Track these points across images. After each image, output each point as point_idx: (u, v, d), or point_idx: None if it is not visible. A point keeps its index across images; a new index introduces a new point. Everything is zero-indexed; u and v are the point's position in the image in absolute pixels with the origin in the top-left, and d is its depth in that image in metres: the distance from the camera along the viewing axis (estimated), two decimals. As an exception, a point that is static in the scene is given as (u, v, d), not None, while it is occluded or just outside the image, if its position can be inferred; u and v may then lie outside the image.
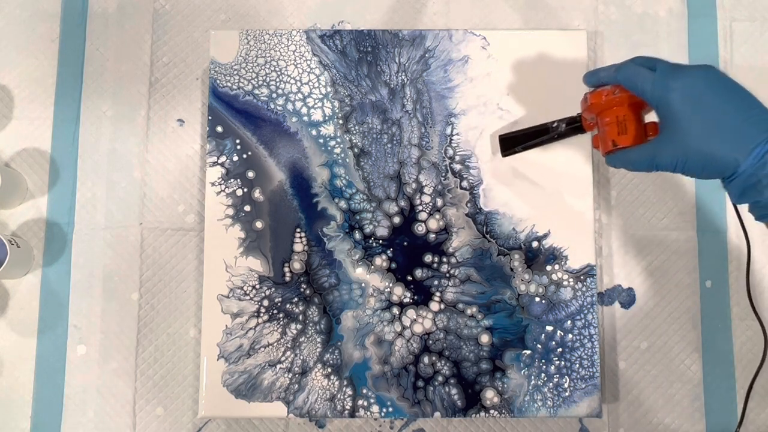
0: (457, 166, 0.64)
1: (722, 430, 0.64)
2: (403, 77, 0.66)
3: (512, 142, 0.62)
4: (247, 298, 0.63)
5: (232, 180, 0.64)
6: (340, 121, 0.65)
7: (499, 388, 0.61)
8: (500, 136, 0.62)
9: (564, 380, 0.61)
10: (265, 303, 0.63)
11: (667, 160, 0.47)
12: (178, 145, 0.68)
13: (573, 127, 0.58)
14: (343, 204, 0.64)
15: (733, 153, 0.44)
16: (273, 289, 0.63)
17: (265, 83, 0.66)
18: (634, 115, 0.51)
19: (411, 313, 0.63)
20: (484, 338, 0.62)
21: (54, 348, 0.65)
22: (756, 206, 0.46)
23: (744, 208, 0.49)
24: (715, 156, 0.45)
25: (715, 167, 0.46)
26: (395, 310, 0.63)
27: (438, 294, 0.63)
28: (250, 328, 0.62)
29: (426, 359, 0.62)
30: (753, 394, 0.62)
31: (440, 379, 0.62)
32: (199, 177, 0.67)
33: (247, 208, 0.64)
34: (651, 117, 0.51)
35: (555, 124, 0.59)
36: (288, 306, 0.63)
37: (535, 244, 0.63)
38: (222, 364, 0.62)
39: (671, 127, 0.47)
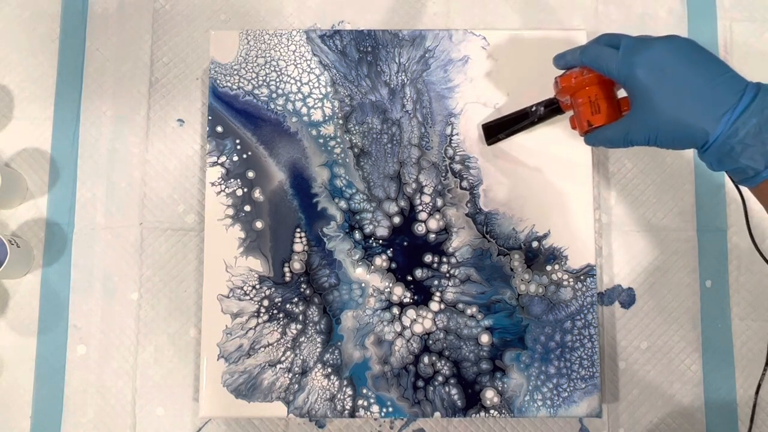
0: (457, 166, 0.65)
1: (722, 429, 0.64)
2: (403, 77, 0.66)
3: (495, 130, 0.63)
4: (247, 298, 0.63)
5: (232, 180, 0.64)
6: (340, 121, 0.65)
7: (499, 388, 0.61)
8: (483, 125, 0.63)
9: (564, 380, 0.61)
10: (265, 303, 0.63)
11: (640, 135, 0.47)
12: (178, 145, 0.68)
13: (551, 108, 0.59)
14: (343, 204, 0.64)
15: (702, 122, 0.44)
16: (273, 289, 0.63)
17: (265, 83, 0.66)
18: (606, 93, 0.52)
19: (411, 313, 0.63)
20: (484, 338, 0.62)
21: (54, 348, 0.65)
22: (735, 172, 0.45)
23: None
24: (685, 127, 0.45)
25: (686, 138, 0.45)
26: (395, 310, 0.63)
27: (438, 294, 0.63)
28: (250, 328, 0.62)
29: (426, 359, 0.62)
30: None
31: (440, 379, 0.62)
32: (199, 177, 0.67)
33: (247, 208, 0.64)
34: (624, 92, 0.51)
35: (534, 108, 0.60)
36: (288, 306, 0.63)
37: (535, 244, 0.63)
38: (222, 364, 0.62)
39: (640, 103, 0.47)
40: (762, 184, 0.44)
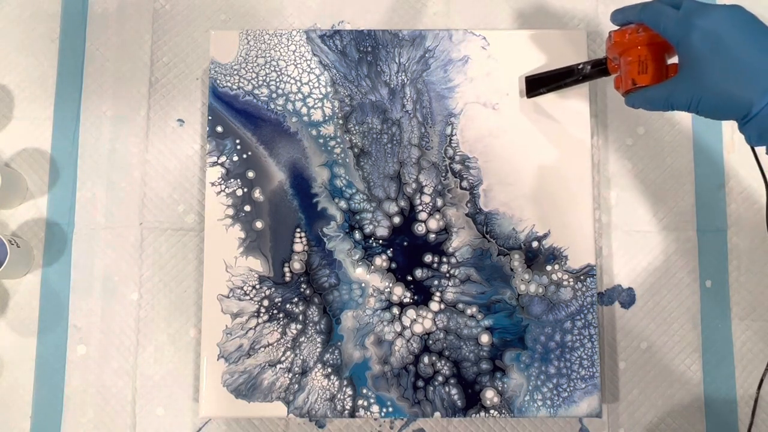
0: (457, 166, 0.65)
1: (722, 430, 0.64)
2: (403, 77, 0.66)
3: (538, 83, 0.63)
4: (247, 298, 0.63)
5: (232, 180, 0.64)
6: (340, 121, 0.65)
7: (499, 388, 0.61)
8: (526, 77, 0.64)
9: (564, 380, 0.61)
10: (265, 303, 0.63)
11: (683, 98, 0.47)
12: (178, 145, 0.68)
13: (598, 69, 0.59)
14: (343, 204, 0.64)
15: (747, 93, 0.44)
16: (273, 289, 0.63)
17: (265, 83, 0.66)
18: (656, 55, 0.52)
19: (411, 313, 0.63)
20: (484, 338, 0.62)
21: (54, 348, 0.65)
22: None
23: (762, 150, 0.48)
24: (729, 96, 0.45)
25: (729, 108, 0.45)
26: (395, 310, 0.63)
27: (438, 294, 0.63)
28: (250, 328, 0.62)
29: (426, 359, 0.62)
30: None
31: (440, 379, 0.62)
32: (199, 177, 0.67)
33: (247, 208, 0.64)
34: (674, 60, 0.51)
35: (581, 66, 0.60)
36: (288, 306, 0.63)
37: (535, 244, 0.63)
38: (222, 364, 0.62)
39: (689, 66, 0.47)
40: None
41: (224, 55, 0.66)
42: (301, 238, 0.64)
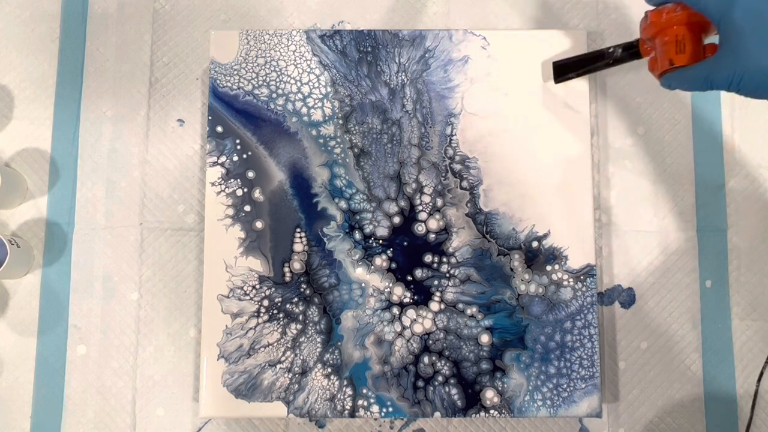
0: (457, 166, 0.65)
1: (722, 429, 0.64)
2: (403, 77, 0.66)
3: (566, 69, 0.63)
4: (247, 298, 0.63)
5: (232, 180, 0.64)
6: (340, 121, 0.65)
7: (499, 388, 0.61)
8: (554, 63, 0.63)
9: (564, 380, 0.61)
10: (265, 303, 0.63)
11: (723, 76, 0.47)
12: (178, 145, 0.68)
13: (630, 52, 0.58)
14: (343, 204, 0.64)
15: None
16: (273, 289, 0.63)
17: (265, 83, 0.66)
18: (694, 35, 0.51)
19: (411, 313, 0.63)
20: (484, 338, 0.62)
21: (54, 348, 0.65)
22: None
23: None
24: None
25: None
26: (395, 310, 0.63)
27: (438, 294, 0.63)
28: (250, 328, 0.62)
29: (426, 359, 0.62)
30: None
31: (440, 379, 0.62)
32: (199, 177, 0.67)
33: (247, 208, 0.64)
34: (711, 41, 0.51)
35: (611, 49, 0.59)
36: (288, 306, 0.63)
37: (535, 244, 0.63)
38: (222, 364, 0.62)
39: (730, 43, 0.46)
40: None
41: (224, 55, 0.66)
42: (301, 238, 0.64)
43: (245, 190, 0.64)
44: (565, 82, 0.64)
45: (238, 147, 0.65)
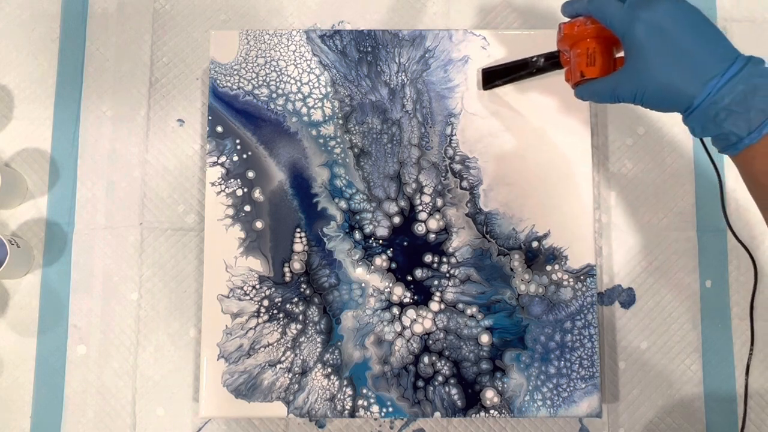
0: (457, 166, 0.65)
1: (722, 429, 0.64)
2: (403, 77, 0.66)
3: (494, 76, 0.64)
4: (247, 298, 0.63)
5: (232, 180, 0.64)
6: (340, 121, 0.65)
7: (499, 388, 0.61)
8: (482, 70, 0.65)
9: (564, 380, 0.61)
10: (265, 303, 0.63)
11: (627, 91, 0.48)
12: (178, 145, 0.68)
13: (551, 62, 0.60)
14: (343, 204, 0.64)
15: (688, 86, 0.45)
16: (273, 289, 0.63)
17: (265, 83, 0.66)
18: (604, 48, 0.52)
19: (411, 313, 0.63)
20: (484, 338, 0.62)
21: (54, 348, 0.65)
22: (718, 139, 0.46)
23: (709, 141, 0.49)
24: (672, 88, 0.45)
25: (672, 100, 0.46)
26: (395, 310, 0.63)
27: (438, 294, 0.63)
28: (250, 328, 0.62)
29: (426, 359, 0.62)
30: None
31: (440, 379, 0.62)
32: (199, 177, 0.67)
33: (247, 208, 0.64)
34: (622, 54, 0.51)
35: (534, 59, 0.61)
36: (288, 306, 0.63)
37: (535, 244, 0.63)
38: (222, 364, 0.62)
39: (634, 58, 0.47)
40: (743, 152, 0.45)
41: (224, 55, 0.66)
42: (301, 238, 0.64)
43: (245, 190, 0.64)
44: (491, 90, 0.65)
45: (238, 147, 0.65)
